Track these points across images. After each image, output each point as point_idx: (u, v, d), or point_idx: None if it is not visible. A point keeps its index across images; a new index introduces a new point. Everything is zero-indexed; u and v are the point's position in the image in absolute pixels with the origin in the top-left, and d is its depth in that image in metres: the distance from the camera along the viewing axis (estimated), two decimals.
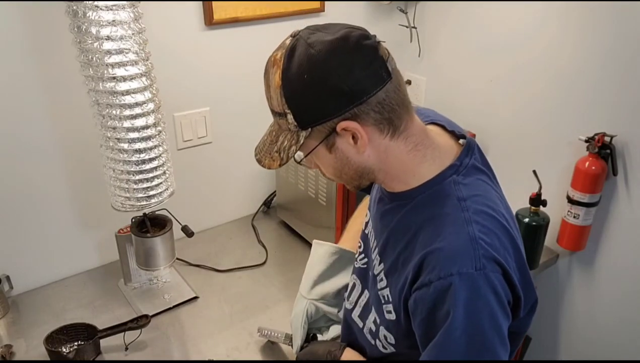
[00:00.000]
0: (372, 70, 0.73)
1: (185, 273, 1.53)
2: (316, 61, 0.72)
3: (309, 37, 0.74)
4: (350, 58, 0.72)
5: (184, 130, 1.57)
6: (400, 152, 0.80)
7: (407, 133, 0.79)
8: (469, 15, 1.70)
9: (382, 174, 0.83)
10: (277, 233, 1.74)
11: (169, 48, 1.45)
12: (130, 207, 1.24)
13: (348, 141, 0.77)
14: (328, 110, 0.74)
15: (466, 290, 0.72)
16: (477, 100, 1.76)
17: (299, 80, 0.74)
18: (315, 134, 0.77)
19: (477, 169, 0.84)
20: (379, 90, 0.73)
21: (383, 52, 0.75)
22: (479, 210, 0.78)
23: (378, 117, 0.75)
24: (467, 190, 0.80)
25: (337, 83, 0.72)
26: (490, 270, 0.73)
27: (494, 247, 0.75)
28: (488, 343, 0.74)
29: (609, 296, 1.54)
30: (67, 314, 1.37)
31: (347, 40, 0.73)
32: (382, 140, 0.78)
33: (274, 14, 1.61)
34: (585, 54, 1.41)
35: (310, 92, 0.74)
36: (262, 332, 1.26)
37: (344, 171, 0.83)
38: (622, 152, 1.39)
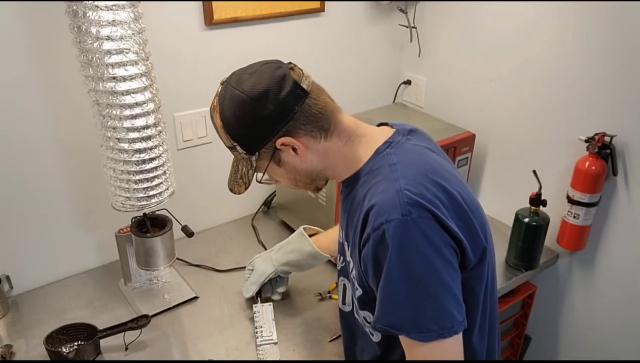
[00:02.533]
0: (288, 94, 0.88)
1: (185, 273, 1.53)
2: (242, 100, 0.89)
3: (233, 81, 0.91)
4: (266, 90, 0.87)
5: (184, 130, 1.57)
6: (338, 148, 0.93)
7: (338, 131, 0.93)
8: (469, 15, 1.70)
9: (330, 171, 0.97)
10: (277, 233, 1.74)
11: (169, 48, 1.45)
12: (130, 207, 1.24)
13: (290, 154, 0.93)
14: (263, 135, 0.90)
15: (396, 235, 0.80)
16: (477, 100, 1.76)
17: (234, 118, 0.90)
18: (263, 156, 0.94)
19: (414, 144, 0.94)
20: (300, 107, 0.88)
21: (296, 74, 0.90)
22: (408, 168, 0.87)
23: (307, 127, 0.90)
24: (397, 157, 0.89)
25: (262, 112, 0.88)
26: (418, 215, 0.80)
27: (421, 195, 0.82)
28: (427, 286, 0.81)
29: (609, 296, 1.54)
30: (67, 314, 1.37)
31: (262, 76, 0.89)
32: (318, 144, 0.92)
33: (274, 14, 1.61)
34: (585, 54, 1.41)
35: (245, 125, 0.90)
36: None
37: (297, 179, 0.98)
38: (622, 152, 1.39)
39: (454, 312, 0.82)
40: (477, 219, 0.88)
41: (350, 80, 1.90)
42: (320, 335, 1.31)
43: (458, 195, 0.86)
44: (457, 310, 0.82)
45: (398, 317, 0.83)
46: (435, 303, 0.81)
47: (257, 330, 1.30)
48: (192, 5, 1.46)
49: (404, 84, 2.00)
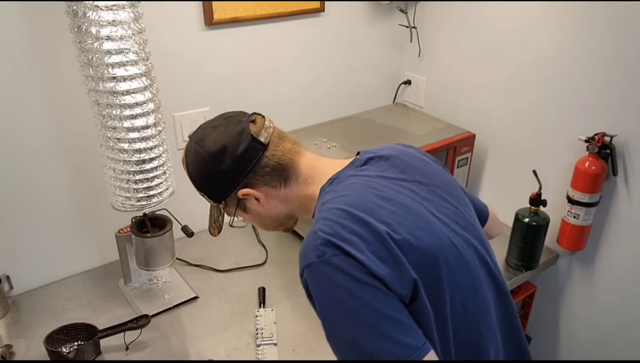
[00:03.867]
0: (245, 149, 0.91)
1: (185, 273, 1.54)
2: (201, 157, 0.94)
3: (197, 136, 0.96)
4: (224, 147, 0.91)
5: (184, 130, 1.57)
6: (297, 192, 0.96)
7: (295, 176, 0.96)
8: (469, 15, 1.70)
9: (296, 212, 1.01)
10: (277, 233, 1.74)
11: (169, 48, 1.45)
12: (130, 207, 1.24)
13: (253, 202, 0.97)
14: (224, 187, 0.95)
15: (316, 279, 0.80)
16: (477, 100, 1.76)
17: (197, 172, 0.96)
18: (230, 203, 0.98)
19: (361, 176, 0.92)
20: (258, 159, 0.92)
21: (257, 127, 0.93)
22: (332, 207, 0.85)
23: (266, 178, 0.94)
24: (331, 195, 0.89)
25: (220, 167, 0.92)
26: (331, 254, 0.79)
27: (334, 234, 0.80)
28: (366, 321, 0.77)
29: (609, 296, 1.54)
30: (67, 314, 1.37)
31: (222, 131, 0.93)
32: (278, 192, 0.96)
33: (274, 14, 1.61)
34: (585, 54, 1.41)
35: (206, 178, 0.96)
36: None
37: (264, 222, 1.03)
38: (622, 152, 1.39)
39: (407, 340, 0.76)
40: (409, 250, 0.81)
41: (350, 80, 1.90)
42: (320, 335, 1.31)
43: (382, 226, 0.81)
44: (410, 336, 0.77)
45: (353, 358, 0.78)
46: (382, 337, 0.76)
47: (257, 332, 1.30)
48: (192, 5, 1.46)
49: (404, 84, 2.00)
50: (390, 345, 0.76)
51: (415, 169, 0.97)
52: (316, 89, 1.82)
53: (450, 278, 0.85)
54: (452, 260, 0.86)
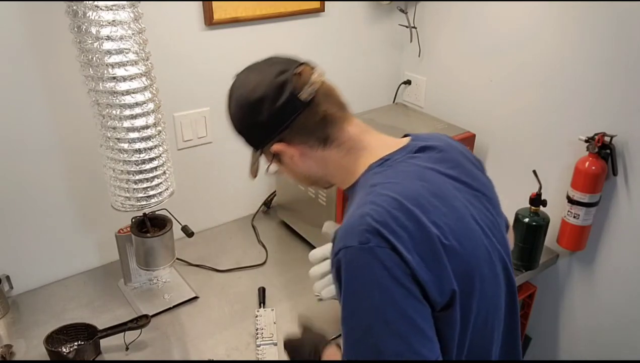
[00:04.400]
0: (284, 104, 0.87)
1: (185, 273, 1.53)
2: (240, 103, 0.91)
3: (239, 79, 0.94)
4: (263, 97, 0.87)
5: (184, 130, 1.57)
6: (336, 159, 0.92)
7: (338, 142, 0.91)
8: (469, 15, 1.70)
9: (329, 178, 0.96)
10: (277, 233, 1.74)
11: (169, 48, 1.45)
12: (130, 207, 1.24)
13: (288, 158, 0.92)
14: (260, 138, 0.92)
15: (351, 264, 0.76)
16: (477, 100, 1.76)
17: (235, 116, 0.94)
18: (266, 153, 0.94)
19: (414, 163, 0.88)
20: (296, 117, 0.87)
21: (301, 81, 0.87)
22: (383, 193, 0.81)
23: (303, 137, 0.90)
24: (381, 178, 0.85)
25: (256, 118, 0.89)
26: (376, 244, 0.75)
27: (383, 223, 0.76)
28: (388, 321, 0.74)
29: (609, 296, 1.54)
30: (67, 314, 1.37)
31: (264, 80, 0.88)
32: (315, 153, 0.91)
33: (274, 14, 1.61)
34: (585, 54, 1.41)
35: (244, 125, 0.94)
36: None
37: (298, 179, 0.99)
38: (622, 152, 1.39)
39: (422, 351, 0.73)
40: (454, 258, 0.79)
41: (350, 80, 1.90)
42: None
43: (433, 229, 0.78)
44: (427, 347, 0.74)
45: (362, 350, 0.76)
46: (398, 341, 0.73)
47: (257, 332, 1.30)
48: (192, 5, 1.46)
49: (404, 84, 2.00)
50: (405, 350, 0.74)
51: (463, 169, 0.93)
52: None
53: (482, 292, 0.84)
54: (486, 274, 0.85)
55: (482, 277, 0.84)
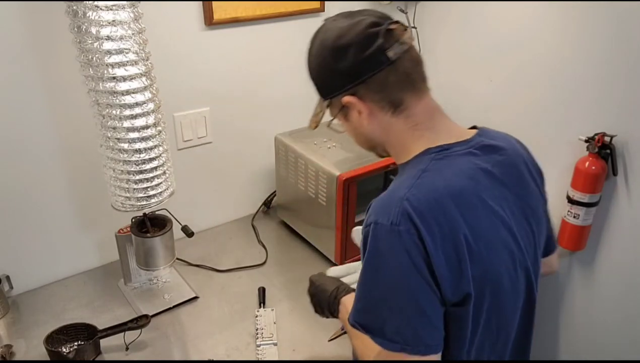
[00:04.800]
0: (369, 56, 0.83)
1: (185, 273, 1.53)
2: (324, 46, 0.86)
3: (329, 23, 0.89)
4: (349, 44, 0.83)
5: (184, 130, 1.57)
6: (400, 129, 0.88)
7: (408, 112, 0.87)
8: (469, 15, 1.70)
9: (387, 146, 0.93)
10: (277, 233, 1.74)
11: (169, 48, 1.45)
12: (130, 207, 1.24)
13: (355, 113, 0.89)
14: (333, 86, 0.88)
15: (376, 239, 0.78)
16: (477, 100, 1.76)
17: (315, 60, 0.89)
18: (334, 104, 0.91)
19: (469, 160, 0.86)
20: (377, 73, 0.83)
21: (393, 38, 0.84)
22: (429, 182, 0.81)
23: (377, 96, 0.86)
24: (435, 165, 0.84)
25: (337, 64, 0.85)
26: (405, 229, 0.76)
27: (419, 212, 0.77)
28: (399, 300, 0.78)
29: (609, 296, 1.54)
30: (67, 314, 1.37)
31: (355, 27, 0.84)
32: (383, 116, 0.88)
33: (274, 14, 1.61)
34: (585, 54, 1.41)
35: (320, 70, 0.89)
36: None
37: (359, 139, 0.96)
38: (622, 152, 1.39)
39: (422, 334, 0.78)
40: (477, 263, 0.80)
41: None
42: (320, 335, 1.31)
43: (465, 230, 0.79)
44: (428, 333, 0.78)
45: (368, 318, 0.82)
46: (403, 319, 0.78)
47: (257, 332, 1.30)
48: (192, 5, 1.46)
49: None
50: (405, 328, 0.78)
51: (519, 178, 0.91)
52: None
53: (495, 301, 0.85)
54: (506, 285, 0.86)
55: (500, 287, 0.85)
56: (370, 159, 1.46)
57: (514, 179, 0.90)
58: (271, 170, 1.74)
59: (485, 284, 0.82)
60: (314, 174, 1.49)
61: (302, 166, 1.53)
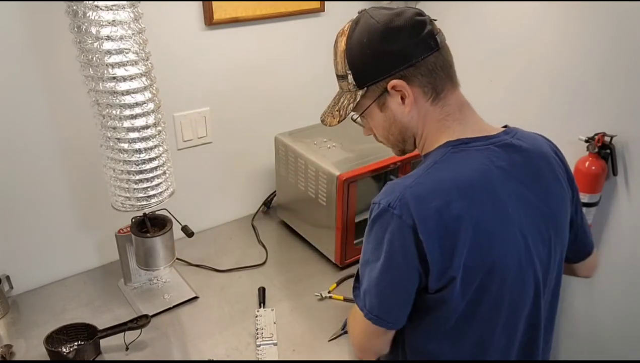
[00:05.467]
0: (421, 39, 0.85)
1: (185, 273, 1.53)
2: (374, 29, 0.86)
3: (371, 11, 0.90)
4: (402, 27, 0.85)
5: (184, 130, 1.57)
6: (435, 118, 0.90)
7: (444, 101, 0.89)
8: (469, 15, 1.70)
9: (419, 138, 0.94)
10: (277, 233, 1.74)
11: (169, 48, 1.45)
12: (130, 207, 1.24)
13: (397, 101, 0.89)
14: (381, 69, 0.87)
15: (375, 217, 0.84)
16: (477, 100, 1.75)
17: (359, 44, 0.88)
18: (370, 93, 0.90)
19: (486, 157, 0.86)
20: (427, 56, 0.85)
21: (434, 27, 0.87)
22: (440, 173, 0.84)
23: (424, 80, 0.87)
24: (448, 157, 0.86)
25: (389, 46, 0.85)
26: (399, 214, 0.80)
27: (418, 202, 0.80)
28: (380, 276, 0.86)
29: (609, 296, 1.54)
30: (67, 314, 1.37)
31: (403, 14, 0.86)
32: (424, 102, 0.89)
33: (274, 14, 1.61)
34: (585, 54, 1.41)
35: (367, 54, 0.87)
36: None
37: (391, 131, 0.95)
38: (622, 152, 1.39)
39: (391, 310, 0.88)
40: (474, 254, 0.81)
41: None
42: (320, 335, 1.31)
43: (467, 221, 0.80)
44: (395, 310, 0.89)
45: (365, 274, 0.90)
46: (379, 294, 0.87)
47: (257, 332, 1.30)
48: (192, 5, 1.46)
49: None
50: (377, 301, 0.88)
51: (539, 181, 0.91)
52: (316, 89, 1.82)
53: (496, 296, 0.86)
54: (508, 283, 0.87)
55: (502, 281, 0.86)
56: (370, 158, 1.47)
57: (531, 178, 0.90)
58: (271, 170, 1.74)
59: (483, 276, 0.84)
60: (314, 174, 1.49)
61: (302, 166, 1.53)
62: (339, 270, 1.56)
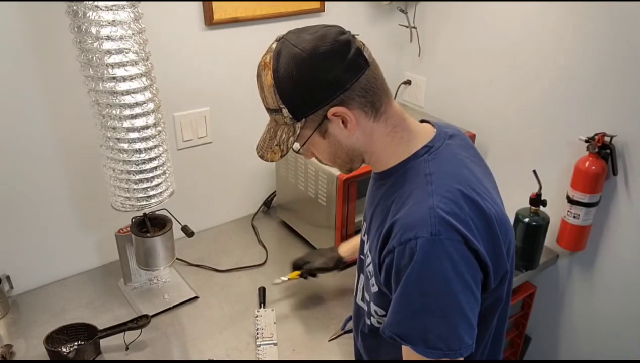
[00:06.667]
0: (351, 60, 0.81)
1: (185, 273, 1.53)
2: (301, 59, 0.81)
3: (292, 39, 0.84)
4: (330, 52, 0.81)
5: (184, 130, 1.57)
6: (382, 134, 0.88)
7: (386, 115, 0.87)
8: (469, 15, 1.70)
9: (368, 156, 0.91)
10: (277, 233, 1.74)
11: (169, 48, 1.45)
12: (130, 207, 1.24)
13: (339, 126, 0.85)
14: (317, 100, 0.83)
15: (421, 253, 0.78)
16: (477, 100, 1.76)
17: (289, 78, 0.82)
18: (309, 124, 0.86)
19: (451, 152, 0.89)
20: (360, 77, 0.82)
21: (359, 44, 0.84)
22: (443, 182, 0.83)
23: (362, 101, 0.83)
24: (435, 167, 0.86)
25: (322, 75, 0.81)
26: (447, 237, 0.77)
27: (454, 215, 0.79)
28: (443, 307, 0.79)
29: (609, 296, 1.54)
30: (67, 314, 1.37)
31: (325, 37, 0.82)
32: (367, 122, 0.86)
33: (274, 14, 1.61)
34: (585, 54, 1.41)
35: (299, 86, 0.82)
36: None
37: (337, 155, 0.91)
38: (622, 152, 1.39)
39: (464, 336, 0.80)
40: (504, 240, 0.84)
41: None
42: (319, 335, 1.31)
43: (492, 214, 0.83)
44: (469, 334, 0.80)
45: (408, 327, 0.81)
46: (447, 325, 0.79)
47: (257, 332, 1.30)
48: (192, 5, 1.46)
49: (404, 84, 2.00)
50: (450, 333, 0.79)
51: (480, 157, 0.96)
52: None
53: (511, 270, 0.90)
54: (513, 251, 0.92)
55: (513, 255, 0.91)
56: None
57: (479, 158, 0.95)
58: (271, 170, 1.74)
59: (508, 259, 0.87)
60: (314, 173, 1.49)
61: (302, 166, 1.53)
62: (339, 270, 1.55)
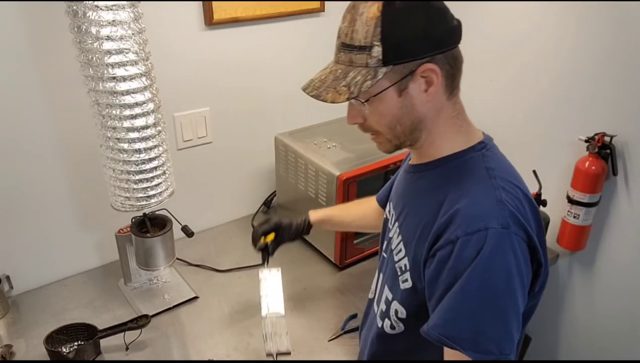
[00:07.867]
0: (455, 27, 0.79)
1: (185, 273, 1.53)
2: (420, 3, 0.75)
3: None
4: (443, 9, 0.78)
5: (184, 130, 1.57)
6: (448, 116, 0.84)
7: (456, 99, 0.85)
8: (469, 15, 1.68)
9: (426, 134, 0.85)
10: None
11: (169, 48, 1.45)
12: (130, 207, 1.24)
13: (420, 88, 0.79)
14: (419, 50, 0.76)
15: (490, 245, 0.74)
16: (477, 100, 1.75)
17: (403, 14, 0.74)
18: (392, 74, 0.77)
19: (501, 152, 0.90)
20: (455, 48, 0.80)
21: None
22: (506, 179, 0.82)
23: (449, 71, 0.80)
24: (494, 162, 0.84)
25: (434, 25, 0.76)
26: (514, 232, 0.76)
27: (518, 211, 0.78)
28: (502, 305, 0.75)
29: (609, 296, 1.54)
30: (67, 314, 1.37)
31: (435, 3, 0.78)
32: (441, 95, 0.81)
33: (274, 14, 1.61)
34: (585, 54, 1.41)
35: (407, 28, 0.75)
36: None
37: (402, 121, 0.82)
38: (622, 152, 1.39)
39: (515, 334, 0.77)
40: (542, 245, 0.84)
41: None
42: (320, 335, 1.31)
43: (542, 220, 0.84)
44: (517, 329, 0.78)
45: (459, 329, 0.76)
46: (502, 325, 0.75)
47: (262, 300, 1.22)
48: (192, 5, 1.46)
49: None
50: (504, 335, 0.76)
51: None
52: None
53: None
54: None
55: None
56: (370, 158, 1.47)
57: None
58: (271, 170, 1.74)
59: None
60: (314, 174, 1.49)
61: (302, 166, 1.53)
62: (339, 270, 1.56)
